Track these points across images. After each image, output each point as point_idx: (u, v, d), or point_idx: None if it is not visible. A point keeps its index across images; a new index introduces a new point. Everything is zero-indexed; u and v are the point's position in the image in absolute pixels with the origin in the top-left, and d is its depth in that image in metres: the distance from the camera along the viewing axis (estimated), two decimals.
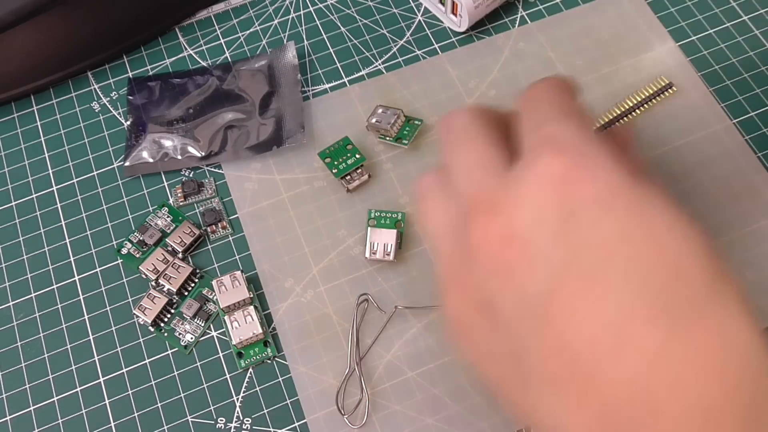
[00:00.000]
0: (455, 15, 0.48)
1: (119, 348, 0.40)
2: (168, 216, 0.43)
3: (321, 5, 0.50)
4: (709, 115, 0.45)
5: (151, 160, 0.45)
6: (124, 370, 0.40)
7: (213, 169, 0.45)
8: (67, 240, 0.43)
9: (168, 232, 0.43)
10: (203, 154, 0.44)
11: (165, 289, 0.41)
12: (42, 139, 0.46)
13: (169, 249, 0.42)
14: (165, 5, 0.49)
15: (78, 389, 0.39)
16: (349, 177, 0.43)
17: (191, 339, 0.40)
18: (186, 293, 0.41)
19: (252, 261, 0.42)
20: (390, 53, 0.48)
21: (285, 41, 0.49)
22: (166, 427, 0.38)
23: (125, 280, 0.42)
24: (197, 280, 0.42)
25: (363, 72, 0.48)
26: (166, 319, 0.41)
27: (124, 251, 0.42)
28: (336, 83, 0.47)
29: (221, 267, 0.42)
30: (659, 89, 0.45)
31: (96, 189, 0.45)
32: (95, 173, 0.45)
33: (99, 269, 0.42)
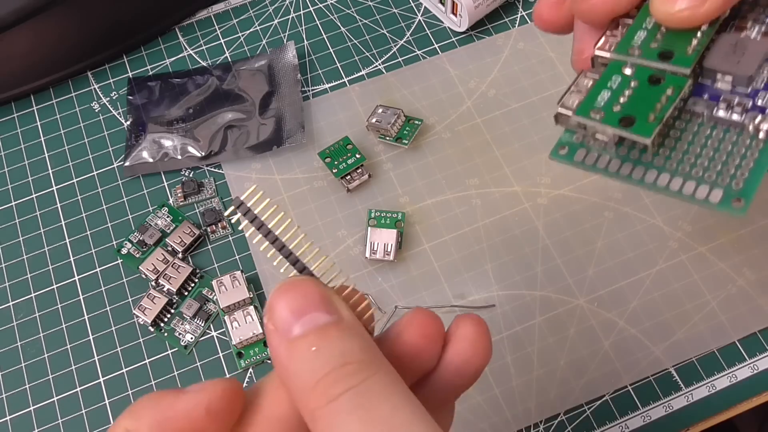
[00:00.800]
0: (455, 15, 0.48)
1: (119, 348, 0.40)
2: (168, 216, 0.43)
3: (321, 5, 0.50)
4: None
5: (151, 160, 0.45)
6: (124, 370, 0.40)
7: (213, 169, 0.45)
8: (67, 240, 0.43)
9: (168, 232, 0.43)
10: (203, 154, 0.44)
11: (165, 289, 0.41)
12: (42, 139, 0.46)
13: (169, 249, 0.42)
14: (165, 5, 0.49)
15: (78, 389, 0.39)
16: (349, 177, 0.43)
17: (191, 339, 0.40)
18: (186, 293, 0.41)
19: (252, 261, 0.42)
20: (390, 53, 0.48)
21: (285, 41, 0.49)
22: None
23: (125, 280, 0.42)
24: (197, 280, 0.42)
25: (363, 72, 0.48)
26: (166, 319, 0.41)
27: (124, 251, 0.42)
28: (336, 83, 0.47)
29: (221, 267, 0.42)
30: None
31: (96, 189, 0.45)
32: (95, 173, 0.45)
33: (99, 269, 0.42)
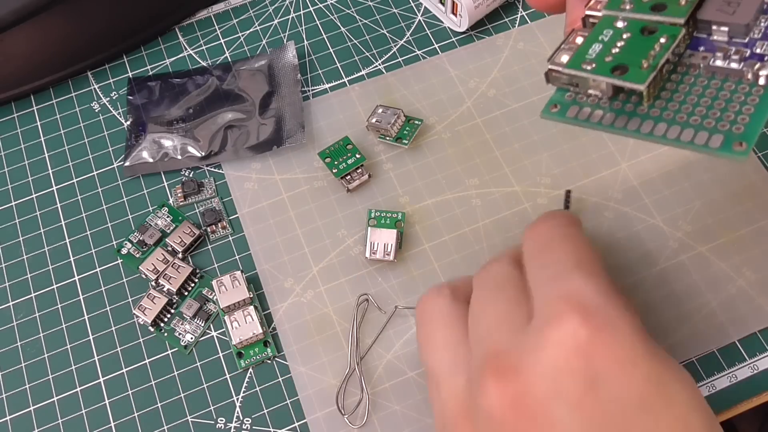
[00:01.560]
0: (455, 15, 0.48)
1: (119, 348, 0.40)
2: (168, 216, 0.43)
3: (321, 5, 0.50)
4: None
5: (151, 160, 0.45)
6: (124, 370, 0.40)
7: (213, 169, 0.45)
8: (67, 240, 0.43)
9: (168, 232, 0.43)
10: (203, 154, 0.44)
11: (165, 289, 0.41)
12: (42, 139, 0.46)
13: (169, 249, 0.42)
14: (165, 5, 0.49)
15: (78, 389, 0.39)
16: (349, 177, 0.43)
17: (191, 339, 0.40)
18: (186, 293, 0.41)
19: (252, 261, 0.42)
20: (390, 53, 0.48)
21: (285, 41, 0.49)
22: (166, 427, 0.38)
23: (125, 280, 0.42)
24: (197, 280, 0.42)
25: (363, 72, 0.48)
26: (166, 319, 0.41)
27: (124, 251, 0.42)
28: (336, 83, 0.47)
29: (221, 267, 0.42)
30: None
31: (96, 189, 0.45)
32: (95, 173, 0.45)
33: (99, 269, 0.42)
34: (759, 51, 0.24)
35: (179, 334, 0.40)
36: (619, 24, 0.25)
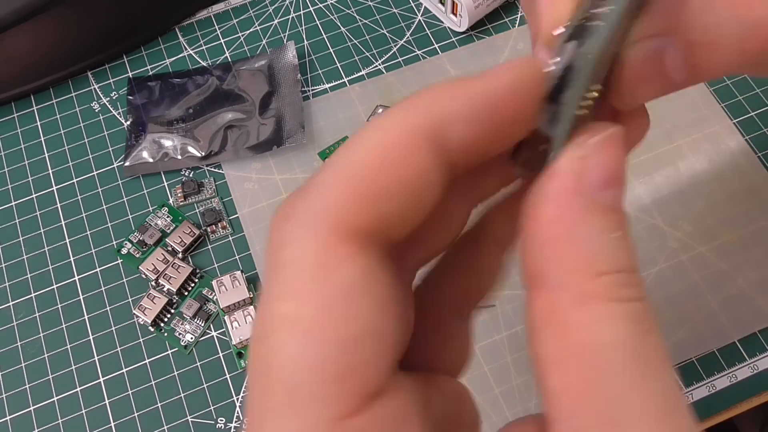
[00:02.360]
0: (455, 15, 0.48)
1: (119, 348, 0.40)
2: (168, 216, 0.43)
3: (321, 5, 0.50)
4: (709, 115, 0.45)
5: (151, 160, 0.45)
6: (124, 370, 0.40)
7: (213, 169, 0.45)
8: (67, 240, 0.43)
9: (168, 232, 0.43)
10: (203, 154, 0.44)
11: (165, 289, 0.41)
12: (42, 139, 0.46)
13: (169, 249, 0.42)
14: (165, 5, 0.49)
15: (78, 389, 0.39)
16: None
17: (191, 339, 0.40)
18: (186, 293, 0.41)
19: (252, 261, 0.42)
20: (390, 53, 0.48)
21: (285, 41, 0.49)
22: (166, 427, 0.38)
23: (125, 280, 0.42)
24: (197, 280, 0.42)
25: (363, 72, 0.48)
26: (166, 319, 0.41)
27: (124, 251, 0.42)
28: (336, 83, 0.47)
29: (221, 267, 0.42)
30: None
31: (96, 189, 0.45)
32: (95, 173, 0.45)
33: (99, 269, 0.42)
34: None
35: (179, 334, 0.40)
36: None
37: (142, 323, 0.40)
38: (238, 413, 0.38)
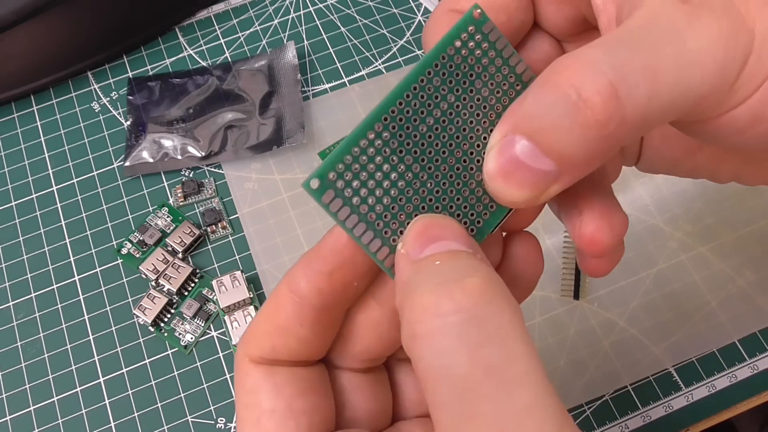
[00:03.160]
0: None
1: (119, 348, 0.40)
2: (168, 216, 0.43)
3: (321, 5, 0.50)
4: None
5: (151, 160, 0.45)
6: (124, 370, 0.40)
7: (213, 169, 0.45)
8: (67, 240, 0.43)
9: (168, 232, 0.43)
10: (203, 154, 0.44)
11: (165, 289, 0.41)
12: (42, 139, 0.46)
13: (169, 249, 0.42)
14: (165, 5, 0.49)
15: (78, 389, 0.39)
16: None
17: (191, 339, 0.40)
18: (186, 293, 0.41)
19: (252, 261, 0.42)
20: (390, 53, 0.48)
21: (285, 41, 0.49)
22: (166, 427, 0.38)
23: (125, 280, 0.42)
24: (197, 280, 0.42)
25: (363, 72, 0.48)
26: (166, 319, 0.41)
27: (124, 251, 0.42)
28: (336, 83, 0.47)
29: (221, 267, 0.42)
30: None
31: (96, 189, 0.45)
32: (95, 173, 0.45)
33: (99, 269, 0.42)
34: None
35: (179, 334, 0.40)
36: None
37: (142, 323, 0.40)
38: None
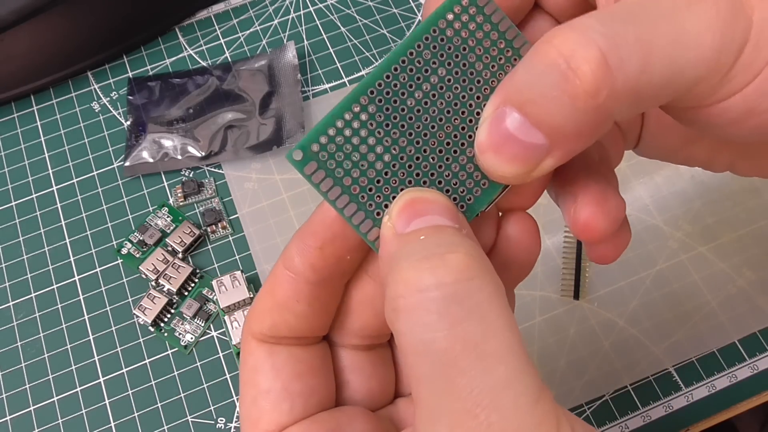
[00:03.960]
0: None
1: (119, 348, 0.40)
2: (168, 216, 0.43)
3: (321, 5, 0.50)
4: None
5: (151, 160, 0.45)
6: (124, 370, 0.40)
7: (213, 169, 0.45)
8: (67, 240, 0.43)
9: (168, 232, 0.43)
10: (203, 154, 0.44)
11: (165, 289, 0.41)
12: (42, 139, 0.46)
13: (169, 249, 0.42)
14: (165, 5, 0.49)
15: (78, 389, 0.39)
16: None
17: (191, 339, 0.40)
18: (186, 293, 0.41)
19: (252, 261, 0.42)
20: None
21: (285, 41, 0.49)
22: (166, 427, 0.38)
23: (125, 280, 0.42)
24: (197, 280, 0.42)
25: (363, 72, 0.48)
26: (166, 319, 0.41)
27: (124, 251, 0.42)
28: (336, 83, 0.47)
29: (221, 267, 0.42)
30: None
31: (96, 189, 0.45)
32: (95, 173, 0.45)
33: (99, 269, 0.42)
34: None
35: (179, 334, 0.40)
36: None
37: (142, 323, 0.40)
38: (238, 413, 0.38)
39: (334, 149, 0.19)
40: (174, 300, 0.41)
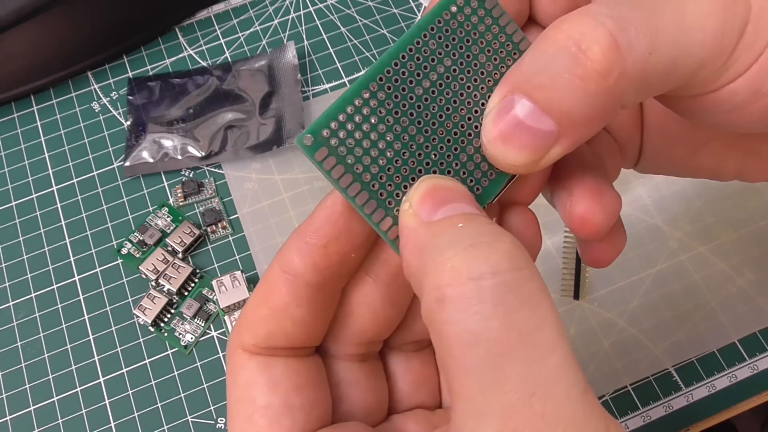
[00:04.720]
0: None
1: (119, 348, 0.40)
2: (168, 216, 0.43)
3: (321, 5, 0.50)
4: None
5: (151, 160, 0.45)
6: (124, 370, 0.40)
7: (213, 169, 0.45)
8: (67, 240, 0.43)
9: (168, 232, 0.43)
10: (203, 154, 0.44)
11: (165, 289, 0.41)
12: (42, 139, 0.46)
13: (169, 249, 0.42)
14: (165, 5, 0.49)
15: (78, 389, 0.39)
16: None
17: (191, 339, 0.40)
18: (186, 293, 0.41)
19: (252, 261, 0.42)
20: None
21: (285, 41, 0.49)
22: (166, 427, 0.38)
23: (125, 280, 0.42)
24: (197, 280, 0.42)
25: (363, 72, 0.48)
26: (166, 319, 0.41)
27: (124, 251, 0.42)
28: (336, 83, 0.47)
29: (221, 267, 0.42)
30: None
31: (96, 189, 0.45)
32: (95, 173, 0.45)
33: (99, 269, 0.42)
34: None
35: (179, 334, 0.40)
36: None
37: (142, 323, 0.40)
38: None
39: (344, 135, 0.19)
40: (174, 300, 0.41)
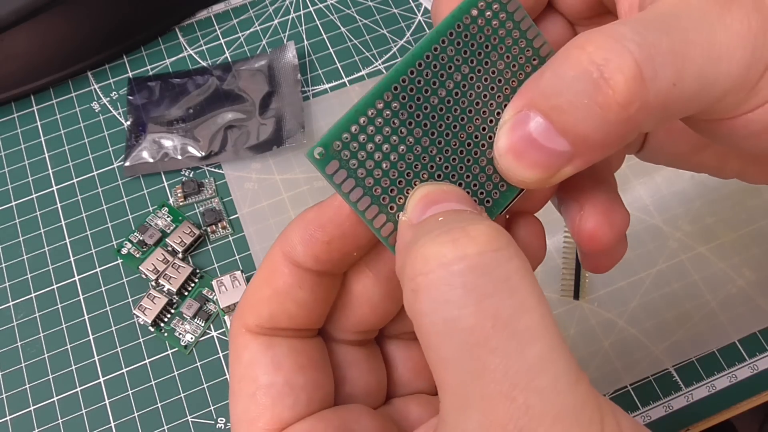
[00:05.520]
0: None
1: (119, 348, 0.40)
2: (168, 216, 0.43)
3: (321, 5, 0.50)
4: None
5: (151, 160, 0.45)
6: (124, 370, 0.40)
7: (213, 169, 0.45)
8: (67, 240, 0.43)
9: (168, 232, 0.43)
10: (203, 154, 0.44)
11: (165, 289, 0.41)
12: (42, 139, 0.46)
13: (169, 249, 0.42)
14: (165, 5, 0.49)
15: (78, 389, 0.39)
16: None
17: (191, 339, 0.40)
18: (186, 293, 0.41)
19: (252, 261, 0.42)
20: (390, 53, 0.48)
21: (285, 41, 0.49)
22: (166, 427, 0.38)
23: (125, 280, 0.42)
24: (197, 280, 0.42)
25: (363, 72, 0.48)
26: (166, 319, 0.41)
27: (124, 251, 0.42)
28: (336, 83, 0.47)
29: (221, 267, 0.42)
30: None
31: (96, 189, 0.45)
32: (95, 173, 0.45)
33: (99, 269, 0.42)
34: None
35: (179, 334, 0.40)
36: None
37: (142, 323, 0.40)
38: None
39: (356, 147, 0.18)
40: (174, 300, 0.41)
